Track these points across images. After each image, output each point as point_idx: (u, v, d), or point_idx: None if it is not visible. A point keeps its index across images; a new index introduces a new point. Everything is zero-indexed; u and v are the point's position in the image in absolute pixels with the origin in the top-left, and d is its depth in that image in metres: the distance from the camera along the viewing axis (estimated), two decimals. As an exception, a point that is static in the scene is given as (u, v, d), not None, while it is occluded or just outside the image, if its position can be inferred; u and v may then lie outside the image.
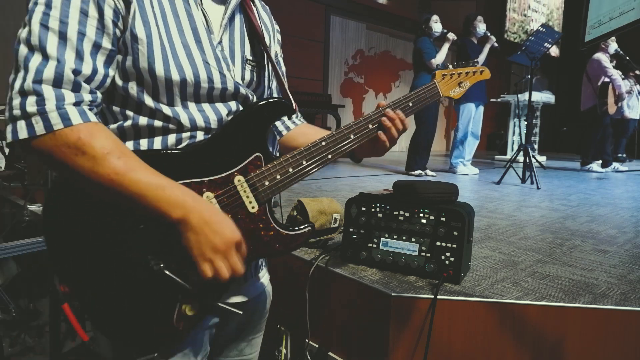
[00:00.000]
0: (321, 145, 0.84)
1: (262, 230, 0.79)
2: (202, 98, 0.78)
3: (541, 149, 8.47)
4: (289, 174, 0.81)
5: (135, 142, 0.76)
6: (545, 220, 2.44)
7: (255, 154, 0.79)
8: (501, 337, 1.23)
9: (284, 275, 1.59)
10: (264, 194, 0.79)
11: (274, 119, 0.82)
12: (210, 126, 0.79)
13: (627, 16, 3.69)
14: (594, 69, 5.73)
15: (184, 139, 0.77)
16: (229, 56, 0.82)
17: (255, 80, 0.88)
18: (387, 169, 5.31)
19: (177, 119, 0.76)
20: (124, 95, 0.74)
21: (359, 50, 8.61)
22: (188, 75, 0.75)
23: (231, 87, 0.80)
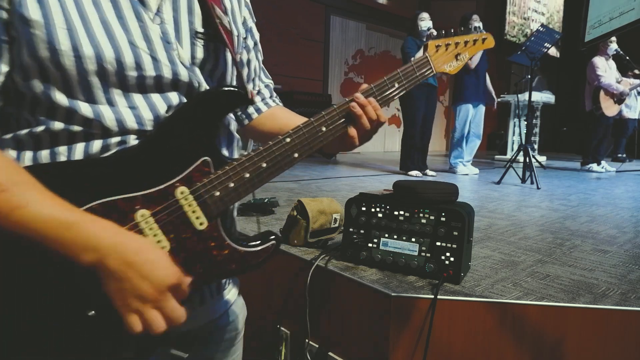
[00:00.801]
0: (285, 143, 0.68)
1: (213, 249, 0.65)
2: (131, 89, 0.63)
3: (541, 149, 8.47)
4: (245, 180, 0.66)
5: (51, 150, 0.61)
6: (545, 220, 2.44)
7: (202, 158, 0.64)
8: (501, 337, 1.23)
9: (284, 275, 1.59)
10: (214, 206, 0.64)
11: (224, 112, 0.67)
12: (144, 128, 0.64)
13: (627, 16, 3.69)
14: (589, 72, 5.81)
15: (111, 145, 0.62)
16: (173, 31, 0.66)
17: (210, 60, 0.70)
18: (387, 169, 5.31)
19: (100, 122, 0.61)
20: (31, 96, 0.60)
21: (359, 50, 8.61)
22: (108, 60, 0.59)
23: (168, 74, 0.64)
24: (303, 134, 0.70)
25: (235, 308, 0.87)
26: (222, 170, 0.65)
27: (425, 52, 0.85)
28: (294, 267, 1.54)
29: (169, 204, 0.62)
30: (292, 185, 3.49)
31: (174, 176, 0.63)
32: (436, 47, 0.85)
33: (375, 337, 1.30)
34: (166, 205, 0.62)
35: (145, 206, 0.61)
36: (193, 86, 0.67)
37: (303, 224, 1.61)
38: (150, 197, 0.62)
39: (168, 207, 0.62)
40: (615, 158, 7.42)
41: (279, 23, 7.06)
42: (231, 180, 0.65)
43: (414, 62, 0.82)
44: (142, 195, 0.61)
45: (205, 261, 0.65)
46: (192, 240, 0.64)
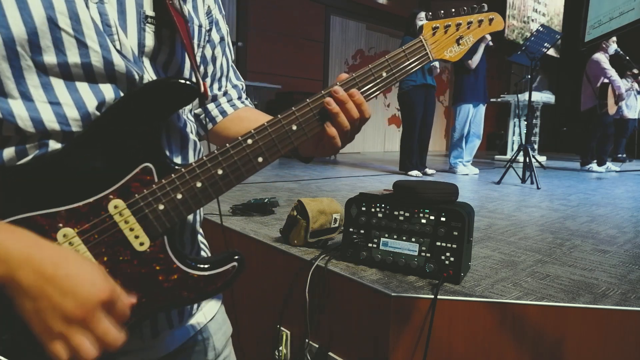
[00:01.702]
0: (246, 145, 0.57)
1: (159, 274, 0.55)
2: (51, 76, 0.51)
3: (541, 149, 8.48)
4: (196, 190, 0.55)
5: None
6: (545, 220, 2.44)
7: (143, 164, 0.53)
8: (501, 337, 1.23)
9: (284, 275, 1.59)
10: (157, 222, 0.54)
11: (170, 109, 0.55)
12: (70, 129, 0.52)
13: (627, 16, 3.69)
14: (593, 69, 5.74)
15: (28, 150, 0.51)
16: (116, 12, 0.55)
17: (164, 49, 0.60)
18: (387, 169, 5.31)
19: (12, 121, 0.49)
20: None
21: (359, 50, 8.62)
22: (19, 41, 0.48)
23: (98, 62, 0.52)
24: (269, 134, 0.58)
25: (211, 326, 0.73)
26: (167, 180, 0.54)
27: (420, 35, 0.69)
28: (294, 267, 1.54)
29: (99, 221, 0.52)
30: (292, 185, 3.49)
31: (106, 187, 0.52)
32: (433, 29, 0.69)
33: (375, 337, 1.30)
34: (96, 223, 0.52)
35: (69, 224, 0.51)
36: (133, 79, 0.55)
37: (303, 224, 1.62)
38: (76, 212, 0.51)
39: (99, 224, 0.52)
40: (615, 158, 7.43)
41: (279, 23, 7.06)
42: (178, 191, 0.54)
43: (406, 47, 0.67)
44: (65, 210, 0.51)
45: (148, 288, 0.54)
46: (132, 263, 0.53)
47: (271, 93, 6.58)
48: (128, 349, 0.55)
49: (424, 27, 0.69)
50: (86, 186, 0.52)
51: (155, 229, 0.54)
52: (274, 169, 4.74)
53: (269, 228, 1.95)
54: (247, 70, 6.61)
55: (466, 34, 0.71)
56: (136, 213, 0.53)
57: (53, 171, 0.51)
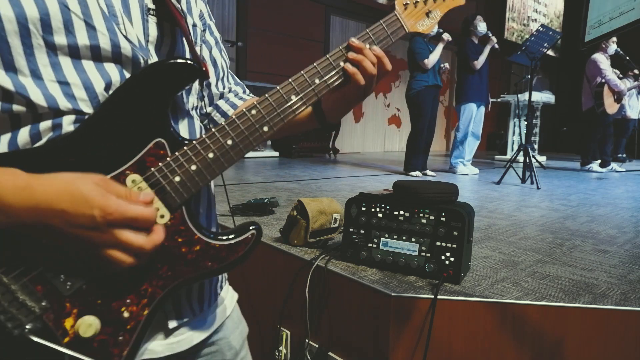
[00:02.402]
0: (251, 115, 0.60)
1: (182, 245, 0.56)
2: (60, 56, 0.52)
3: (541, 149, 8.48)
4: (209, 161, 0.56)
5: None
6: (545, 220, 2.44)
7: (155, 139, 0.54)
8: (501, 337, 1.23)
9: (284, 275, 1.59)
10: (175, 194, 0.55)
11: (177, 87, 0.57)
12: (80, 108, 0.54)
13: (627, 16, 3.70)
14: (591, 69, 5.75)
15: (43, 131, 0.52)
16: (121, 5, 0.57)
17: (167, 40, 0.63)
18: (387, 169, 5.31)
19: (25, 96, 0.50)
20: None
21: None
22: (32, 20, 0.49)
23: (106, 45, 0.54)
24: (269, 105, 0.61)
25: (228, 324, 0.75)
26: (180, 152, 0.55)
27: (394, 10, 0.75)
28: (294, 267, 1.54)
29: None
30: (292, 185, 3.49)
31: (122, 163, 0.53)
32: (404, 4, 0.75)
33: (375, 337, 1.30)
34: None
35: None
36: (138, 62, 0.57)
37: (303, 224, 1.62)
38: None
39: None
40: (615, 158, 7.43)
41: (279, 23, 7.07)
42: (192, 163, 0.55)
43: (383, 21, 0.72)
44: None
45: (173, 261, 0.55)
46: None
47: (271, 93, 6.57)
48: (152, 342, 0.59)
49: (396, 3, 0.75)
50: (102, 164, 0.53)
51: (174, 200, 0.55)
52: (273, 169, 4.74)
53: (269, 228, 1.95)
54: (247, 70, 6.61)
55: (434, 8, 0.77)
56: (153, 186, 0.54)
57: (69, 152, 0.52)
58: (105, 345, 0.51)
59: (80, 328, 0.49)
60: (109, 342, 0.51)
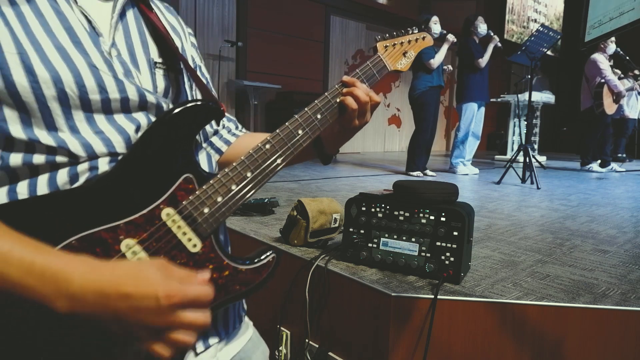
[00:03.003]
0: (265, 150, 0.66)
1: (213, 272, 0.60)
2: (95, 113, 0.59)
3: (541, 149, 8.48)
4: (232, 192, 0.62)
5: (10, 188, 0.55)
6: (545, 220, 2.44)
7: (184, 175, 0.60)
8: (501, 337, 1.23)
9: (284, 275, 1.59)
10: (205, 224, 0.59)
11: (199, 126, 0.63)
12: (115, 150, 0.59)
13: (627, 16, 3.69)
14: (590, 69, 5.75)
15: (80, 173, 0.57)
16: (130, 61, 0.64)
17: (172, 88, 0.69)
18: (387, 169, 5.31)
19: (66, 148, 0.56)
20: None
21: (359, 50, 8.62)
22: (67, 84, 0.56)
23: (134, 96, 0.61)
24: (282, 139, 0.69)
25: (249, 347, 0.78)
26: (207, 186, 0.60)
27: (377, 53, 0.88)
28: (294, 267, 1.54)
29: (156, 229, 0.57)
30: (292, 185, 3.49)
31: (156, 198, 0.57)
32: (385, 47, 0.88)
33: (375, 337, 1.30)
34: (153, 231, 0.56)
35: (130, 235, 0.55)
36: (161, 107, 0.64)
37: (303, 224, 1.62)
38: (134, 224, 0.56)
39: (155, 232, 0.57)
40: (615, 158, 7.42)
41: (279, 23, 7.06)
42: (219, 194, 0.61)
43: (370, 62, 0.85)
44: (124, 223, 0.55)
45: None
46: (188, 265, 0.59)
47: (271, 93, 6.58)
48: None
49: (378, 46, 0.88)
50: (138, 200, 0.57)
51: (205, 230, 0.60)
52: (274, 169, 4.73)
53: (269, 228, 1.95)
54: (247, 70, 6.61)
55: (408, 49, 0.92)
56: (186, 218, 0.59)
57: (106, 190, 0.56)
58: None
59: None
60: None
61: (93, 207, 0.54)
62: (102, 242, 0.54)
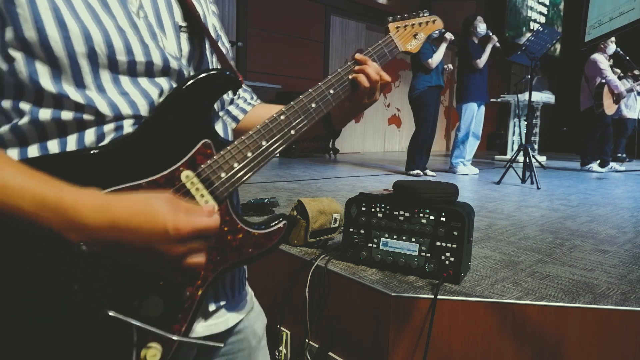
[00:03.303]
0: (280, 120, 0.69)
1: (228, 234, 0.63)
2: (121, 74, 0.61)
3: (541, 149, 8.48)
4: (248, 159, 0.64)
5: (41, 145, 0.58)
6: (545, 220, 2.44)
7: (203, 140, 0.62)
8: (501, 337, 1.23)
9: (284, 275, 1.59)
10: (222, 188, 0.62)
11: (217, 94, 0.66)
12: (139, 113, 0.62)
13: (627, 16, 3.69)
14: (590, 70, 5.75)
15: (107, 132, 0.60)
16: (156, 24, 0.65)
17: (196, 52, 0.71)
18: (387, 169, 5.31)
19: (93, 107, 0.58)
20: (15, 83, 0.56)
21: (359, 51, 8.61)
22: (97, 43, 0.57)
23: (158, 60, 0.63)
24: (296, 111, 0.71)
25: (251, 316, 0.82)
26: (224, 151, 0.63)
27: (389, 33, 0.90)
28: (294, 267, 1.54)
29: (175, 190, 0.59)
30: (292, 185, 3.49)
31: (177, 160, 0.61)
32: (396, 28, 0.91)
33: (375, 337, 1.30)
34: (172, 191, 0.59)
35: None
36: (182, 73, 0.66)
37: (303, 224, 1.62)
38: (155, 183, 0.59)
39: (175, 192, 0.59)
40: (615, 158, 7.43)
41: (279, 23, 7.07)
42: (235, 160, 0.64)
43: (382, 41, 0.88)
44: (146, 182, 0.58)
45: (220, 247, 0.63)
46: None
47: (271, 93, 6.58)
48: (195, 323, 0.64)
49: (390, 27, 0.90)
50: (160, 161, 0.60)
51: (221, 193, 0.62)
52: (273, 168, 4.74)
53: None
54: (247, 70, 6.61)
55: (419, 31, 0.95)
56: (204, 181, 0.61)
57: (131, 150, 0.59)
58: (168, 321, 0.58)
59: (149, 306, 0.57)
60: (170, 319, 0.59)
61: (118, 166, 0.58)
62: None
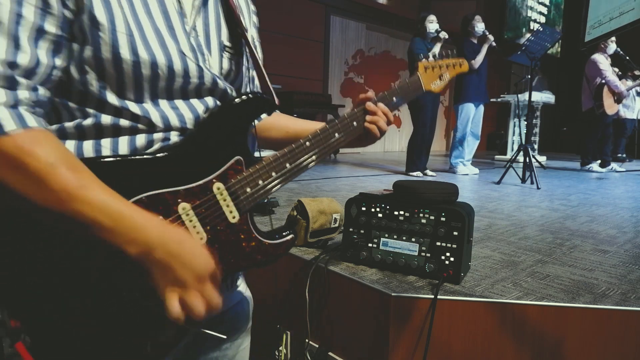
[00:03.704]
0: (305, 147, 0.77)
1: (243, 241, 0.73)
2: (175, 94, 0.68)
3: (541, 149, 8.48)
4: (272, 178, 0.73)
5: (96, 142, 0.65)
6: (545, 220, 2.44)
7: (236, 157, 0.70)
8: (501, 337, 1.23)
9: (284, 275, 1.59)
10: (245, 202, 0.71)
11: (255, 116, 0.74)
12: (185, 126, 0.69)
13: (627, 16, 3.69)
14: (590, 70, 5.75)
15: (155, 140, 0.67)
16: (205, 43, 0.72)
17: (234, 70, 0.77)
18: (387, 169, 5.31)
19: (147, 118, 0.66)
20: (82, 91, 0.63)
21: (359, 50, 8.62)
22: (161, 67, 0.65)
23: (208, 82, 0.71)
24: (320, 140, 0.79)
25: (247, 296, 0.95)
26: (252, 169, 0.71)
27: (417, 72, 0.99)
28: (294, 267, 1.54)
29: (207, 199, 0.68)
30: (292, 185, 3.49)
31: (211, 173, 0.68)
32: (425, 68, 1.00)
33: (375, 337, 1.30)
34: (205, 200, 0.68)
35: (186, 200, 0.67)
36: (226, 92, 0.74)
37: (303, 224, 1.62)
38: (191, 191, 0.67)
39: (206, 201, 0.68)
40: (615, 158, 7.42)
41: (279, 23, 7.06)
42: (260, 179, 0.72)
43: (409, 80, 0.96)
44: (184, 189, 0.66)
45: (235, 252, 0.72)
46: (226, 232, 0.71)
47: (271, 93, 6.56)
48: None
49: (419, 66, 0.99)
50: (197, 171, 0.68)
51: (244, 206, 0.71)
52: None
53: (269, 228, 1.95)
54: (247, 70, 6.60)
55: (445, 72, 1.03)
56: (232, 194, 0.69)
57: (174, 159, 0.67)
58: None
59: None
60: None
61: (161, 172, 0.65)
62: (165, 202, 0.65)
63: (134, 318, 0.65)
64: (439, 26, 4.62)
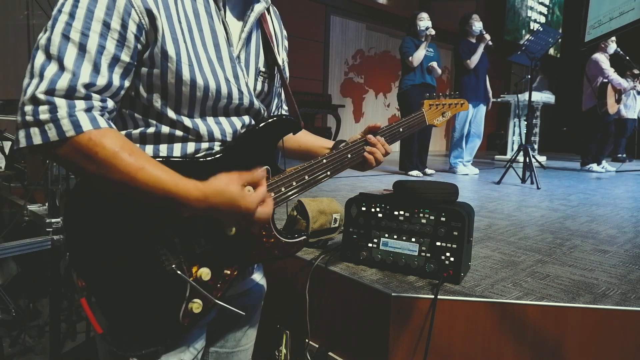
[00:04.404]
0: (322, 163, 0.93)
1: (264, 237, 0.87)
2: (219, 112, 0.83)
3: (541, 149, 8.48)
4: (292, 186, 0.87)
5: (155, 147, 0.80)
6: (545, 220, 2.44)
7: (265, 167, 0.83)
8: (501, 337, 1.23)
9: (284, 275, 1.59)
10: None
11: (283, 135, 0.88)
12: (226, 138, 0.84)
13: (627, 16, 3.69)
14: (592, 69, 5.74)
15: (202, 149, 0.82)
16: (245, 68, 0.86)
17: (266, 91, 0.92)
18: (387, 169, 5.31)
19: (197, 130, 0.81)
20: (146, 105, 0.78)
21: (359, 50, 8.62)
22: (211, 91, 0.80)
23: (247, 103, 0.86)
24: (335, 159, 0.95)
25: (261, 283, 1.08)
26: (277, 178, 0.85)
27: (422, 108, 1.15)
28: (294, 267, 1.54)
29: None
30: (292, 185, 3.48)
31: None
32: (429, 105, 1.16)
33: (375, 337, 1.30)
34: None
35: None
36: (260, 111, 0.90)
37: (303, 224, 1.61)
38: None
39: None
40: (615, 158, 7.43)
41: (279, 23, 7.06)
42: (283, 186, 0.85)
43: (415, 115, 1.12)
44: None
45: (257, 245, 0.86)
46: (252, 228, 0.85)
47: (271, 93, 6.57)
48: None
49: (425, 103, 1.16)
50: None
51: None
52: (274, 169, 4.74)
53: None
54: (247, 70, 6.60)
55: (447, 110, 1.21)
56: None
57: (216, 164, 0.81)
58: (211, 287, 0.81)
59: (201, 274, 0.79)
60: (213, 286, 0.82)
61: (205, 173, 0.75)
62: None
63: (171, 290, 0.78)
64: (430, 24, 4.61)
